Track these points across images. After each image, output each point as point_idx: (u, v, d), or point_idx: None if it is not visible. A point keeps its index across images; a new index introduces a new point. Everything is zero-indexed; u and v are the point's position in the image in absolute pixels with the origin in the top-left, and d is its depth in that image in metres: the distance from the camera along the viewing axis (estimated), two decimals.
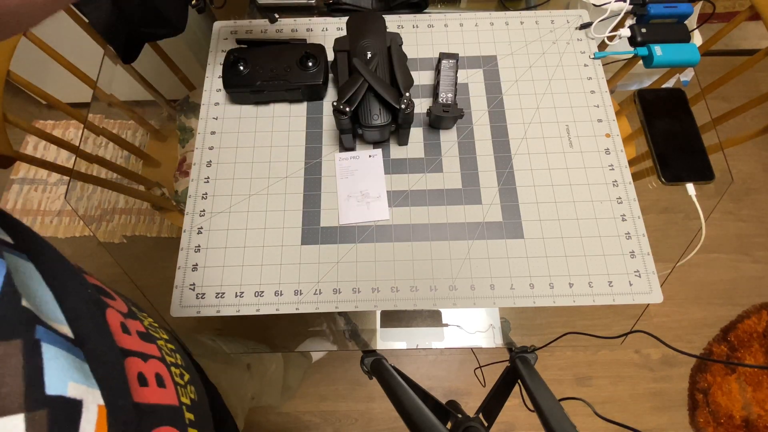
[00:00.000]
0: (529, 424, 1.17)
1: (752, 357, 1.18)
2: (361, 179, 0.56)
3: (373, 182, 0.56)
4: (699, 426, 1.14)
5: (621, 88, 0.78)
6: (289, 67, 0.57)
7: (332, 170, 0.57)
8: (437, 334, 0.60)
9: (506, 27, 0.65)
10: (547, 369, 1.24)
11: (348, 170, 0.56)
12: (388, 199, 0.55)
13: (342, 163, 0.57)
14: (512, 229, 0.53)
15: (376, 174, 0.56)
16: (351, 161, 0.57)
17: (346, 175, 0.56)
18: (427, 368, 1.24)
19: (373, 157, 0.57)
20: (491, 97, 0.60)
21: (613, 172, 0.56)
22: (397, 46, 0.55)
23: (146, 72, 0.77)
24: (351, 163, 0.57)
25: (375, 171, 0.56)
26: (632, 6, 0.62)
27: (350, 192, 0.55)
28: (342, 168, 0.57)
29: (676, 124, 0.60)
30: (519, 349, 0.53)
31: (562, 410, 0.39)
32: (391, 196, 0.55)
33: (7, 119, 0.64)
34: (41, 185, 1.44)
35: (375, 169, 0.57)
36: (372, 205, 0.54)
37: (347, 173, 0.56)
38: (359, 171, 0.56)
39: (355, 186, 0.55)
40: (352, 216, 0.54)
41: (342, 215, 0.54)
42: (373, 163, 0.57)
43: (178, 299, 0.50)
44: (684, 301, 1.28)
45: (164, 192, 0.81)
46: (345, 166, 0.57)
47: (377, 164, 0.57)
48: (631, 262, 0.52)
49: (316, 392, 1.21)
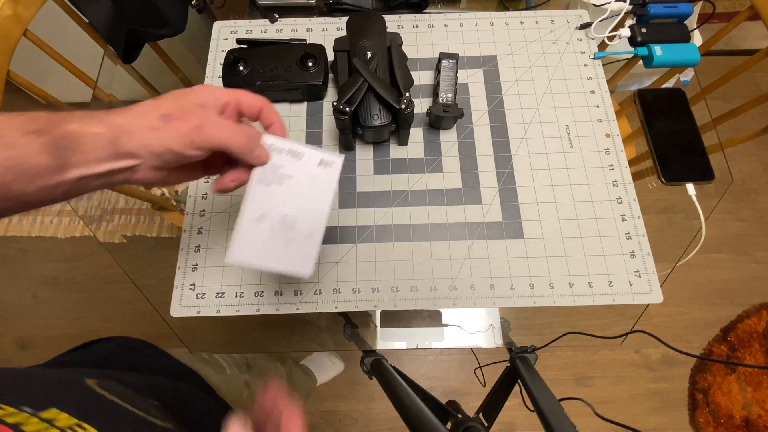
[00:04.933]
0: (529, 424, 1.17)
1: (752, 357, 1.18)
2: (293, 196, 0.35)
3: (311, 207, 0.36)
4: (699, 426, 1.14)
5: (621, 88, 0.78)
6: (289, 67, 0.57)
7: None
8: (437, 334, 0.60)
9: (506, 27, 0.65)
10: (547, 369, 1.24)
11: (275, 173, 0.35)
12: (389, 199, 0.55)
13: (272, 156, 0.35)
14: (512, 229, 0.53)
15: (321, 195, 0.36)
16: (286, 158, 0.35)
17: (269, 179, 0.35)
18: (427, 368, 1.24)
19: (326, 167, 0.36)
20: (491, 97, 0.60)
21: (613, 172, 0.56)
22: (397, 46, 0.55)
23: (146, 72, 0.77)
24: (285, 161, 0.35)
25: (321, 189, 0.36)
26: (632, 6, 0.62)
27: (266, 212, 0.35)
28: (266, 166, 0.35)
29: (676, 124, 0.60)
30: (519, 349, 0.53)
31: (562, 410, 0.39)
32: (390, 197, 0.55)
33: None
34: None
35: (322, 185, 0.36)
36: (294, 247, 0.34)
37: (272, 177, 0.35)
38: (295, 180, 0.35)
39: (276, 205, 0.35)
40: (248, 254, 0.34)
41: (234, 247, 0.34)
42: (323, 176, 0.36)
43: (178, 299, 0.50)
44: (684, 301, 1.28)
45: (164, 192, 0.81)
46: (273, 163, 0.35)
47: (329, 179, 0.36)
48: (631, 262, 0.52)
49: (316, 392, 1.21)
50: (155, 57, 0.76)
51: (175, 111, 0.32)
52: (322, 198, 0.36)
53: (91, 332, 1.27)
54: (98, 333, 0.52)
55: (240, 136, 0.33)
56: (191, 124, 0.31)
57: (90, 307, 1.30)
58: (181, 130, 0.31)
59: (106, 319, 1.28)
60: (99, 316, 1.29)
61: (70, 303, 1.31)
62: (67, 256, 1.36)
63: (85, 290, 1.32)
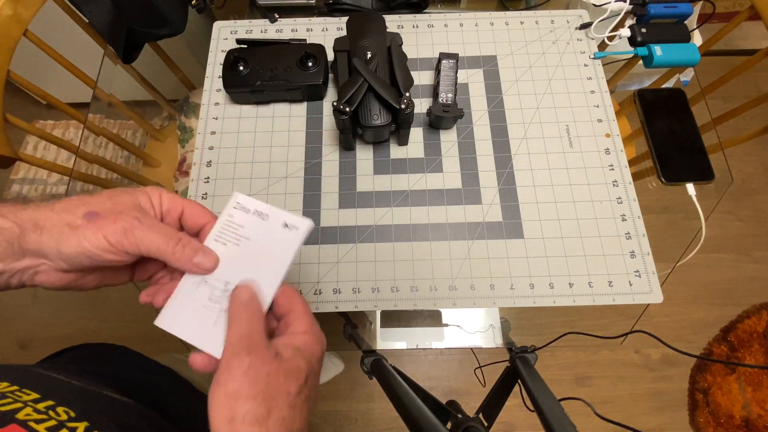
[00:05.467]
0: (529, 424, 1.17)
1: (752, 357, 1.18)
2: (245, 262, 0.32)
3: (261, 278, 0.31)
4: (699, 426, 1.14)
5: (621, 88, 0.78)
6: (289, 67, 0.57)
7: (332, 170, 0.57)
8: (437, 334, 0.60)
9: (506, 27, 0.65)
10: (547, 369, 1.24)
11: (235, 232, 0.33)
12: (389, 199, 0.55)
13: (235, 215, 0.33)
14: (512, 229, 0.53)
15: (277, 263, 0.32)
16: (251, 218, 0.33)
17: (226, 237, 0.33)
18: (427, 368, 1.24)
19: (291, 230, 0.33)
20: (491, 97, 0.60)
21: (613, 172, 0.56)
22: (397, 46, 0.55)
23: (146, 72, 0.77)
24: (248, 222, 0.33)
25: (278, 256, 0.32)
26: (632, 6, 0.62)
27: (211, 275, 0.31)
28: (228, 221, 0.33)
29: (676, 124, 0.60)
30: (519, 349, 0.53)
31: (562, 410, 0.39)
32: (390, 197, 0.55)
33: (7, 119, 0.64)
34: (41, 185, 1.44)
35: (282, 251, 0.32)
36: (220, 322, 0.30)
37: (230, 236, 0.33)
38: (253, 243, 0.33)
39: (224, 269, 0.32)
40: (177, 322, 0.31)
41: (165, 313, 0.31)
42: (284, 241, 0.33)
43: None
44: (684, 301, 1.28)
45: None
46: (236, 222, 0.33)
47: (290, 244, 0.33)
48: (631, 262, 0.52)
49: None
50: (155, 57, 0.77)
51: (103, 210, 0.29)
52: (277, 264, 0.32)
53: (90, 332, 1.27)
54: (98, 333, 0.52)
55: (175, 243, 0.29)
56: (118, 225, 0.28)
57: (90, 307, 1.30)
58: (105, 231, 0.27)
59: (106, 319, 1.28)
60: (99, 316, 1.29)
61: (70, 303, 1.31)
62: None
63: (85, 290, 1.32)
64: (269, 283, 0.31)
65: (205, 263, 0.31)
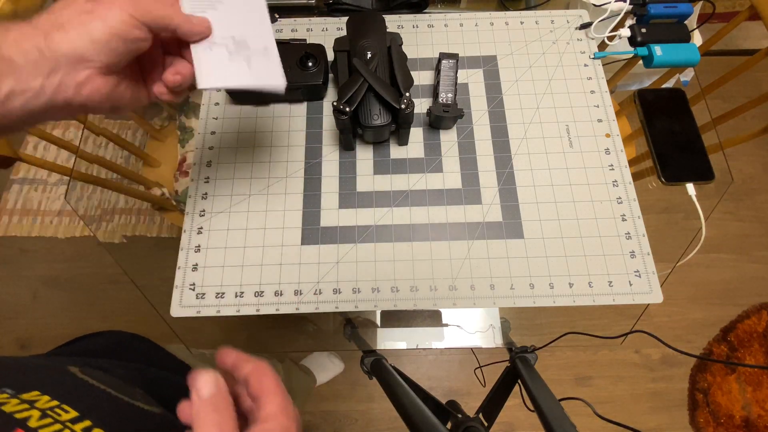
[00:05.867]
0: (529, 424, 1.17)
1: (752, 357, 1.18)
2: (232, 17, 0.35)
3: (253, 23, 0.36)
4: (699, 426, 1.14)
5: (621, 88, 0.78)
6: (289, 67, 0.57)
7: (332, 170, 0.57)
8: (437, 334, 0.60)
9: (506, 27, 0.65)
10: (547, 369, 1.24)
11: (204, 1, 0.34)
12: (389, 199, 0.55)
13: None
14: (512, 229, 0.53)
15: (255, 6, 0.36)
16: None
17: (202, 6, 0.34)
18: (427, 368, 1.24)
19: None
20: (491, 97, 0.60)
21: (613, 172, 0.56)
22: (397, 46, 0.55)
23: None
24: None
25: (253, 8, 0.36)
26: (632, 6, 0.61)
27: (213, 37, 0.34)
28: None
29: (676, 124, 0.60)
30: (519, 349, 0.53)
31: (562, 410, 0.39)
32: (390, 197, 0.55)
33: None
34: (41, 185, 1.44)
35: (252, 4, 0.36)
36: (256, 63, 0.35)
37: (204, 4, 0.34)
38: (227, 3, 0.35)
39: (220, 29, 0.34)
40: (219, 75, 0.34)
41: (201, 73, 0.33)
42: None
43: (178, 299, 0.50)
44: (684, 301, 1.28)
45: (164, 192, 0.81)
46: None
47: None
48: (631, 262, 0.52)
49: (317, 392, 1.21)
50: None
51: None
52: (257, 10, 0.36)
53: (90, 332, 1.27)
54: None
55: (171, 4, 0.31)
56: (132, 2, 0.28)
57: (90, 307, 1.30)
58: (117, 3, 0.27)
59: (106, 319, 1.28)
60: (99, 316, 1.29)
61: (70, 303, 1.31)
62: (67, 256, 1.36)
63: (85, 290, 1.32)
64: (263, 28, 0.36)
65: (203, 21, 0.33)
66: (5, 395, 0.24)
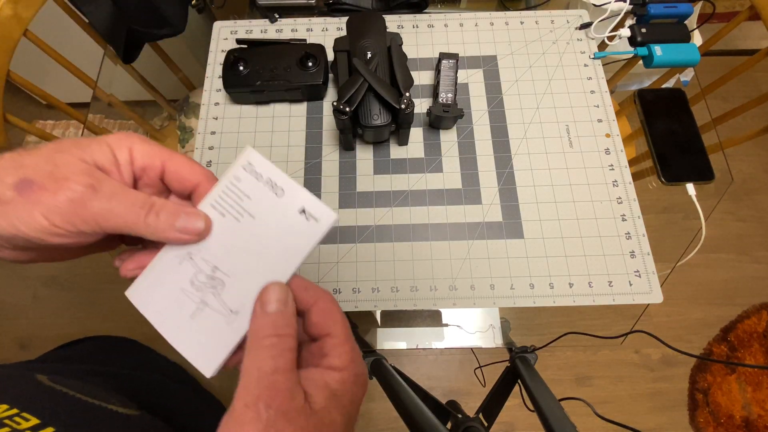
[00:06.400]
0: (529, 424, 1.17)
1: (752, 357, 1.18)
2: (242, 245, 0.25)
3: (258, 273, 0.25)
4: (699, 426, 1.14)
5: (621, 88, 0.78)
6: (289, 67, 0.57)
7: (332, 170, 0.57)
8: (437, 334, 0.60)
9: (506, 27, 0.65)
10: (547, 369, 1.24)
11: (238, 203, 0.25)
12: (389, 199, 0.55)
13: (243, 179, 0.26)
14: (512, 229, 0.53)
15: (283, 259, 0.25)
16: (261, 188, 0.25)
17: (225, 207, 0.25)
18: (427, 368, 1.24)
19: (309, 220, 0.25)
20: (491, 97, 0.60)
21: (613, 172, 0.56)
22: (397, 46, 0.55)
23: (146, 72, 0.77)
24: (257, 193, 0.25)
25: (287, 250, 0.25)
26: (632, 6, 0.61)
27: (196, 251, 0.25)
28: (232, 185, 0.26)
29: (676, 124, 0.60)
30: (519, 349, 0.53)
31: (562, 410, 0.39)
32: (390, 196, 0.55)
33: (7, 119, 0.64)
34: None
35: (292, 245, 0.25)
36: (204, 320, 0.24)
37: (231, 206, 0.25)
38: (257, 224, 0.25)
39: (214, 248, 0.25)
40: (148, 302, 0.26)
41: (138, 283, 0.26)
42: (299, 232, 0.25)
43: None
44: (684, 301, 1.28)
45: None
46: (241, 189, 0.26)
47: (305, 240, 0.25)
48: (631, 262, 0.51)
49: None
50: (155, 57, 0.77)
51: (41, 176, 0.21)
52: (281, 260, 0.25)
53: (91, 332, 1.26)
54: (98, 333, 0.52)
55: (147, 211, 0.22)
56: (61, 197, 0.20)
57: (90, 307, 1.30)
58: (42, 207, 0.20)
59: (106, 319, 1.28)
60: (99, 316, 1.29)
61: (70, 303, 1.31)
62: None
63: (85, 290, 1.32)
64: (263, 284, 0.24)
65: (192, 224, 0.23)
66: None
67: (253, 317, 0.22)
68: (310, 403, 0.21)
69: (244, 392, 0.20)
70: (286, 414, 0.19)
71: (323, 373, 0.22)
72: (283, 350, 0.21)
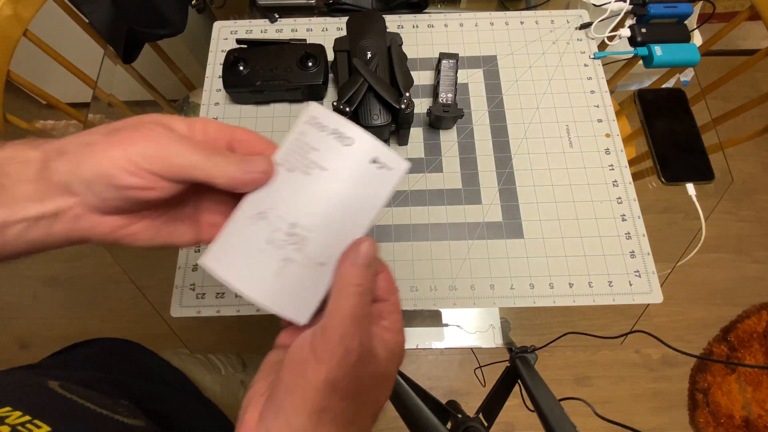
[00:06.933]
0: (529, 424, 1.16)
1: (752, 357, 1.18)
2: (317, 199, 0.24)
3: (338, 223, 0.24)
4: (699, 426, 1.14)
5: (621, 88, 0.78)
6: (289, 67, 0.57)
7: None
8: (437, 334, 0.60)
9: (506, 27, 0.65)
10: (547, 369, 1.24)
11: (305, 156, 0.25)
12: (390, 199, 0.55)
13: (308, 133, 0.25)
14: (512, 229, 0.53)
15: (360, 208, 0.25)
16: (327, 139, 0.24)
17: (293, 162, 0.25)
18: (427, 368, 1.24)
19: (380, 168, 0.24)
20: (491, 97, 0.60)
21: (613, 172, 0.56)
22: (397, 46, 0.55)
23: (146, 72, 0.77)
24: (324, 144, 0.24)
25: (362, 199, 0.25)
26: (632, 6, 0.61)
27: (270, 209, 0.24)
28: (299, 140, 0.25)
29: (676, 124, 0.60)
30: (519, 349, 0.53)
31: (562, 410, 0.39)
32: (390, 199, 0.55)
33: (7, 119, 0.64)
34: None
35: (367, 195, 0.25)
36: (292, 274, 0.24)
37: (298, 160, 0.25)
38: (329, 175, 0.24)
39: (289, 204, 0.24)
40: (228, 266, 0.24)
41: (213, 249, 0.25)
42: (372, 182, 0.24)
43: (178, 299, 0.50)
44: (684, 301, 1.28)
45: None
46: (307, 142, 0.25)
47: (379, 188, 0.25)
48: (631, 262, 0.51)
49: None
50: (155, 57, 0.76)
51: (124, 125, 0.23)
52: (359, 212, 0.24)
53: (91, 332, 1.26)
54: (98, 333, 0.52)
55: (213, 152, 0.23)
56: (139, 136, 0.22)
57: (90, 307, 1.30)
58: (125, 145, 0.22)
59: (106, 319, 1.28)
60: (99, 316, 1.29)
61: (70, 303, 1.31)
62: (67, 256, 1.35)
63: (85, 290, 1.32)
64: (345, 236, 0.24)
65: (256, 166, 0.24)
66: None
67: (342, 266, 0.23)
68: (376, 353, 0.23)
69: (329, 331, 0.21)
70: (369, 352, 0.22)
71: (382, 332, 0.24)
72: (367, 298, 0.22)
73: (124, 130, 0.23)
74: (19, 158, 0.23)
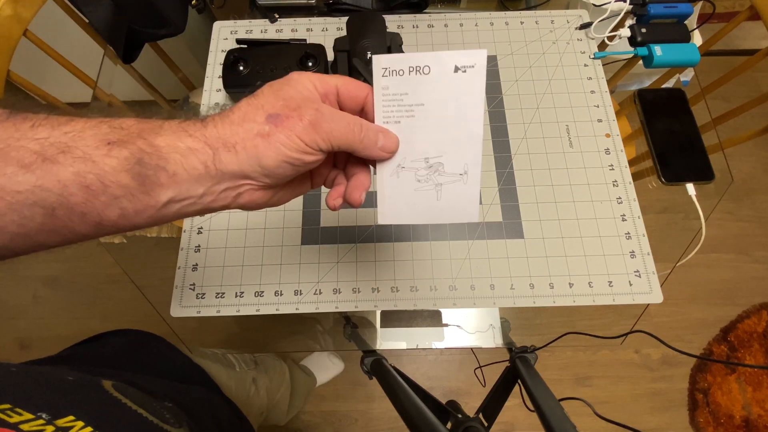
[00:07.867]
0: (529, 424, 1.17)
1: (752, 357, 1.18)
2: (431, 129, 0.28)
3: (457, 135, 0.28)
4: (699, 426, 1.14)
5: (621, 88, 0.78)
6: (289, 67, 0.57)
7: None
8: (437, 334, 0.60)
9: (506, 27, 0.65)
10: (547, 369, 1.24)
11: (401, 105, 0.28)
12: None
13: (390, 85, 0.28)
14: (512, 229, 0.53)
15: (467, 112, 0.28)
16: (411, 79, 0.27)
17: (396, 115, 0.28)
18: (427, 368, 1.24)
19: (465, 71, 0.27)
20: (491, 97, 0.60)
21: (613, 172, 0.56)
22: (397, 46, 0.55)
23: (146, 72, 0.77)
24: (410, 85, 0.28)
25: (464, 105, 0.28)
26: (632, 6, 0.61)
27: (402, 159, 0.29)
28: (385, 95, 0.28)
29: (676, 124, 0.60)
30: (519, 349, 0.53)
31: (562, 410, 0.39)
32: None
33: None
34: None
35: (465, 99, 0.27)
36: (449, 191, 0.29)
37: (399, 111, 0.28)
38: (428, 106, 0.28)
39: (413, 146, 0.29)
40: (402, 212, 0.30)
41: (383, 208, 0.30)
42: (463, 87, 0.27)
43: (178, 299, 0.50)
44: (684, 301, 1.28)
45: None
46: (394, 93, 0.28)
47: (472, 88, 0.27)
48: (631, 262, 0.51)
49: (317, 392, 1.21)
50: (155, 57, 0.76)
51: (281, 109, 0.26)
52: (468, 117, 0.28)
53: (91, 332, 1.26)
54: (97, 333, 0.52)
55: (359, 128, 0.27)
56: (305, 121, 0.25)
57: (90, 307, 1.30)
58: (297, 131, 0.25)
59: (106, 319, 1.28)
60: (99, 316, 1.29)
61: (70, 303, 1.31)
62: (67, 256, 1.36)
63: (85, 290, 1.32)
64: (468, 140, 0.28)
65: (388, 145, 0.29)
66: (41, 421, 0.24)
67: None
68: None
69: None
70: None
71: None
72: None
73: (286, 117, 0.25)
74: (179, 149, 0.25)
